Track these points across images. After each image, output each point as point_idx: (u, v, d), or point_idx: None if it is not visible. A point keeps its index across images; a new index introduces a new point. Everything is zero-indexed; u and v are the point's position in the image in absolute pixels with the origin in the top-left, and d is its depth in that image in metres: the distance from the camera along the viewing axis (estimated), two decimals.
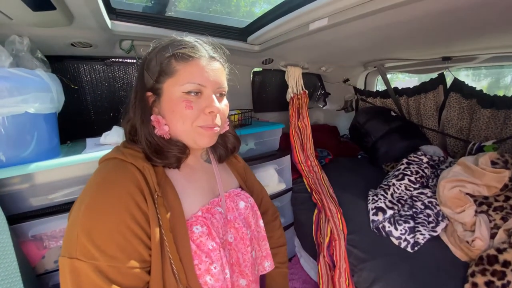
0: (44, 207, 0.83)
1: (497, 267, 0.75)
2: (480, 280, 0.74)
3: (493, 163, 0.89)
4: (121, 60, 1.21)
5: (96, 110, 1.23)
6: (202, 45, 0.55)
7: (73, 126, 1.17)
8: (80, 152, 0.88)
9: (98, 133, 1.00)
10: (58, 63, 1.10)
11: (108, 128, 0.99)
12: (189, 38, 0.57)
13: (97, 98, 1.22)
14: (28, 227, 0.80)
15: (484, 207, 0.90)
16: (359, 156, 1.73)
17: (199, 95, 0.53)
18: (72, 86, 1.07)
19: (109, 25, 0.87)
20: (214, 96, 0.55)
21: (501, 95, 1.23)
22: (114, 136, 0.96)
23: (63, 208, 0.84)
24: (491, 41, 1.09)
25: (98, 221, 0.43)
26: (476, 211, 0.89)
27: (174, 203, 0.52)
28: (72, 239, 0.42)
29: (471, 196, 0.92)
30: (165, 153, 0.54)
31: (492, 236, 0.84)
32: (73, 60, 1.13)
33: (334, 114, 2.13)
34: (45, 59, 0.91)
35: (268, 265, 0.76)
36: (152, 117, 0.54)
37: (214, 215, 0.58)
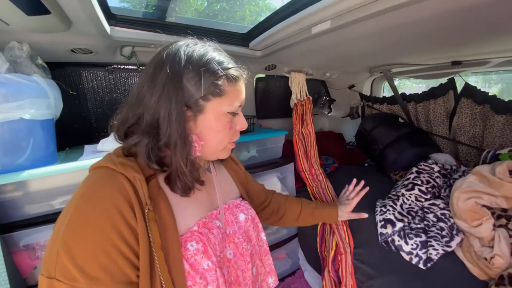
0: (37, 216, 0.80)
1: None
2: None
3: None
4: (122, 66, 1.21)
5: (97, 116, 1.22)
6: (234, 64, 0.55)
7: (73, 132, 1.16)
8: (77, 159, 0.86)
9: (98, 140, 0.98)
10: (60, 70, 1.10)
11: (108, 135, 0.97)
12: (217, 51, 0.54)
13: (98, 105, 1.22)
14: (19, 237, 0.77)
15: (503, 221, 0.83)
16: (366, 164, 1.67)
17: (235, 115, 0.55)
18: (71, 92, 1.06)
19: (108, 31, 0.87)
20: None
21: None
22: (112, 142, 0.94)
23: (57, 217, 0.82)
24: (504, 44, 1.04)
25: (80, 238, 0.39)
26: (494, 225, 0.82)
27: (167, 218, 0.49)
28: (52, 256, 0.39)
29: (488, 208, 0.85)
30: (187, 177, 0.51)
31: None
32: (74, 67, 1.13)
33: (340, 121, 2.08)
34: (45, 65, 0.91)
35: (272, 282, 0.72)
36: (194, 138, 0.51)
37: (211, 230, 0.55)
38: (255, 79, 1.62)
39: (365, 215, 0.91)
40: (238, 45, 1.16)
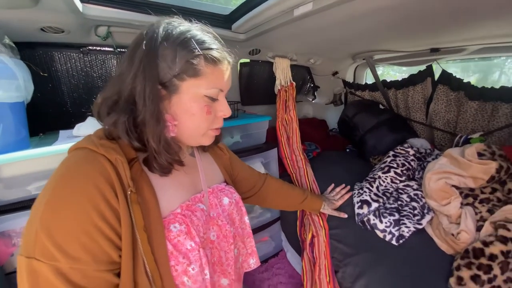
0: (12, 202, 0.78)
1: (483, 260, 0.73)
2: (465, 274, 0.73)
3: (480, 155, 0.88)
4: (98, 48, 1.15)
5: (73, 101, 1.17)
6: (219, 46, 0.53)
7: (48, 118, 1.11)
8: (52, 144, 0.83)
9: (74, 126, 0.94)
10: (30, 50, 1.03)
11: (85, 119, 0.94)
12: (202, 31, 0.52)
13: (73, 89, 1.16)
14: None
15: (470, 199, 0.89)
16: (347, 150, 1.72)
17: (215, 100, 0.53)
18: (42, 74, 1.00)
19: (80, 8, 0.81)
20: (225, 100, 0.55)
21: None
22: (88, 127, 0.90)
23: (33, 203, 0.79)
24: (479, 31, 1.08)
25: (59, 217, 0.38)
26: (461, 204, 0.88)
27: (150, 200, 0.48)
28: (31, 236, 0.38)
29: (457, 188, 0.91)
30: (164, 157, 0.50)
31: (478, 228, 0.83)
32: (45, 47, 1.06)
33: (323, 108, 2.11)
34: (13, 45, 0.85)
35: (253, 262, 0.74)
36: (167, 117, 0.50)
37: (194, 213, 0.55)
38: (239, 64, 1.59)
39: (345, 215, 1.02)
40: (220, 27, 1.13)
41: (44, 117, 1.09)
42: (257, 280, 1.34)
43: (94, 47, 1.14)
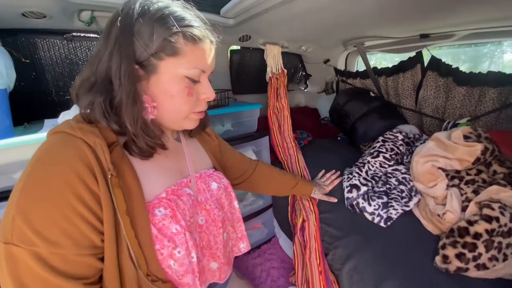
0: None
1: (468, 239, 0.75)
2: (450, 252, 0.75)
3: (466, 137, 0.90)
4: (82, 34, 1.12)
5: (58, 90, 1.14)
6: (201, 24, 0.50)
7: (32, 107, 1.08)
8: (36, 133, 0.81)
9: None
10: (11, 37, 0.99)
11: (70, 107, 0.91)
12: (183, 8, 0.49)
13: (58, 77, 1.13)
14: None
15: (456, 181, 0.91)
16: (339, 138, 1.73)
17: (196, 82, 0.51)
18: (23, 60, 0.97)
19: None
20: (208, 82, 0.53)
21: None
22: (74, 115, 0.89)
23: None
24: (467, 16, 1.08)
25: (36, 202, 0.37)
26: (448, 185, 0.90)
27: (132, 184, 0.47)
28: (8, 221, 0.37)
29: (444, 170, 0.93)
30: (144, 140, 0.49)
31: (464, 209, 0.86)
32: (28, 34, 1.02)
33: (315, 96, 2.10)
34: None
35: (243, 246, 0.75)
36: (145, 98, 0.48)
37: (180, 197, 0.54)
38: (229, 51, 1.57)
39: (335, 200, 1.04)
40: (208, 11, 1.10)
41: (28, 107, 1.06)
42: (250, 265, 1.36)
43: (78, 33, 1.11)
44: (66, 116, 0.89)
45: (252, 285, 0.85)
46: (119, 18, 0.44)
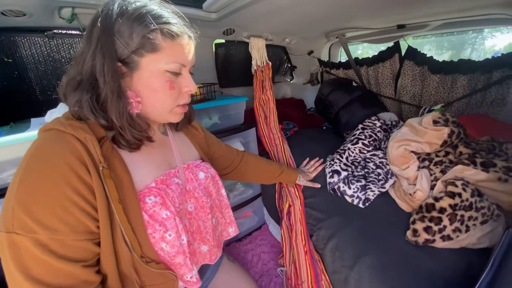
0: None
1: (434, 213, 0.83)
2: (419, 226, 0.83)
3: (435, 122, 0.97)
4: (64, 31, 1.11)
5: (42, 88, 1.13)
6: (179, 21, 0.53)
7: (17, 107, 1.08)
8: (24, 132, 0.82)
9: (46, 114, 0.93)
10: None
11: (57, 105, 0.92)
12: (160, 6, 0.52)
13: (41, 75, 1.12)
14: None
15: (426, 163, 0.98)
16: (324, 127, 1.79)
17: (178, 75, 0.53)
18: (6, 60, 0.96)
19: None
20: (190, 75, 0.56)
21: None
22: (61, 113, 0.90)
23: (5, 192, 0.80)
24: (439, 7, 1.14)
25: (34, 193, 0.40)
26: (419, 167, 0.97)
27: (123, 175, 0.51)
28: (8, 213, 0.40)
29: (416, 153, 1.00)
30: (131, 133, 0.52)
31: (432, 187, 0.93)
32: (7, 33, 1.01)
33: (301, 87, 2.15)
34: None
35: (232, 231, 0.80)
36: (129, 93, 0.51)
37: (169, 186, 0.58)
38: (214, 44, 1.58)
39: (318, 185, 1.11)
40: (190, 6, 1.11)
41: (13, 107, 1.06)
42: (242, 251, 1.43)
43: (60, 31, 1.10)
44: (53, 114, 0.90)
45: (243, 267, 0.91)
46: (99, 19, 0.47)
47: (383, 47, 1.68)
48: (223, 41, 1.62)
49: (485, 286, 0.60)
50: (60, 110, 0.91)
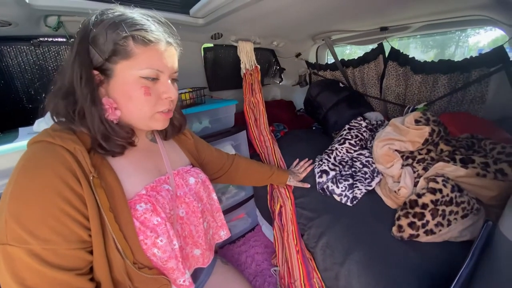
0: None
1: (417, 209, 0.87)
2: (404, 222, 0.87)
3: (417, 121, 1.01)
4: (50, 39, 1.10)
5: (29, 97, 1.13)
6: (158, 28, 0.53)
7: (4, 117, 1.07)
8: (12, 142, 0.82)
9: (34, 123, 0.92)
10: None
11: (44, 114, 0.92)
12: (139, 15, 0.53)
13: (28, 84, 1.11)
14: None
15: (410, 161, 1.02)
16: (313, 128, 1.83)
17: (155, 81, 0.53)
18: None
19: None
20: (169, 82, 0.56)
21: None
22: (49, 122, 0.89)
23: None
24: (419, 10, 1.19)
25: (26, 206, 0.41)
26: (402, 165, 1.01)
27: (113, 183, 0.52)
28: (1, 224, 0.41)
29: (399, 152, 1.04)
30: (113, 140, 0.52)
31: (416, 184, 0.97)
32: None
33: (290, 89, 2.18)
34: None
35: (223, 234, 0.81)
36: (104, 100, 0.51)
37: (159, 193, 0.59)
38: (202, 49, 1.60)
39: (308, 185, 1.13)
40: (177, 12, 1.12)
41: (0, 116, 1.05)
42: (236, 253, 1.44)
43: (46, 39, 1.10)
44: (41, 123, 0.90)
45: (236, 269, 0.93)
46: (80, 29, 0.50)
47: (371, 46, 1.73)
48: (211, 45, 1.63)
49: (465, 276, 0.64)
50: (48, 119, 0.90)
